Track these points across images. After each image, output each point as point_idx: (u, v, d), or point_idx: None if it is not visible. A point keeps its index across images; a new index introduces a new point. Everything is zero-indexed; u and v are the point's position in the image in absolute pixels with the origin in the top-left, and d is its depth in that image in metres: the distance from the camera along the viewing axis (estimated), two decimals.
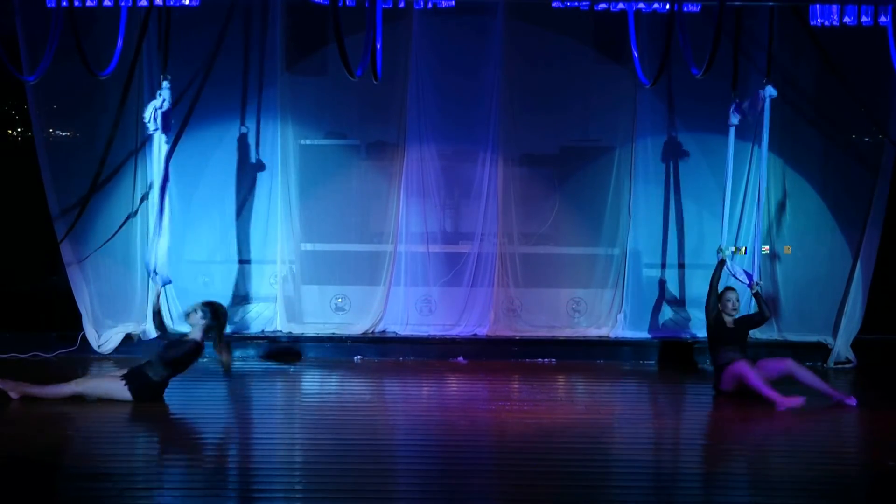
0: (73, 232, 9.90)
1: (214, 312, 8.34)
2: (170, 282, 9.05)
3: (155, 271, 8.88)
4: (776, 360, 8.68)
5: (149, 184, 9.83)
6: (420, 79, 10.07)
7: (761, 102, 8.97)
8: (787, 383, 8.55)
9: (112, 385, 8.21)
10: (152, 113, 8.83)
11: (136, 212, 10.03)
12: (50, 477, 6.79)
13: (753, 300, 9.19)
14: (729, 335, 8.67)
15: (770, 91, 8.94)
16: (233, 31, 10.02)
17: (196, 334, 8.36)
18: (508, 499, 6.54)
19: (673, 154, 10.23)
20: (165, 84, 8.97)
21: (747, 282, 9.07)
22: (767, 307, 9.01)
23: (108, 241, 9.95)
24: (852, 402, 8.39)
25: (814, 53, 9.78)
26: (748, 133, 9.81)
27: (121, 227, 9.99)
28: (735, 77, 9.09)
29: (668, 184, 10.23)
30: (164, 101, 8.90)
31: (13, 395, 8.19)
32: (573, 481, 6.76)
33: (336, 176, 10.38)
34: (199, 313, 8.33)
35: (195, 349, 8.32)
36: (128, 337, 10.00)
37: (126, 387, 8.17)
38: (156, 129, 8.90)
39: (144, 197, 10.01)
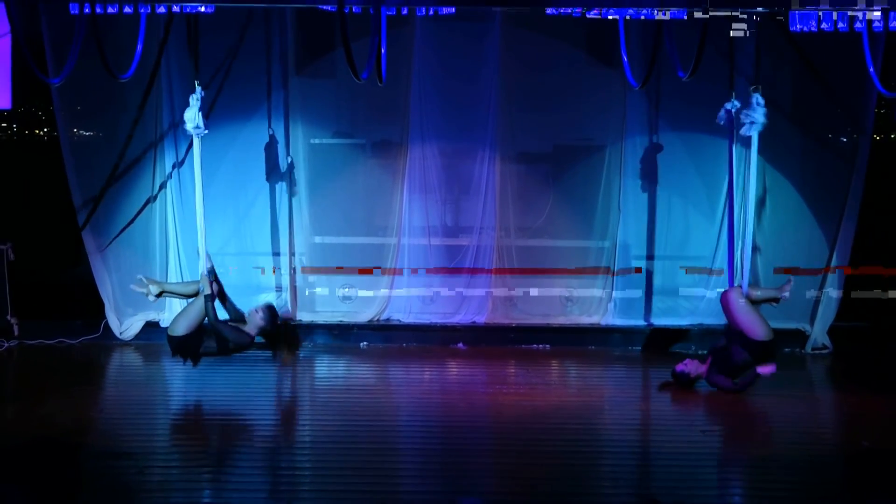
0: (96, 224, 9.92)
1: (273, 318, 8.58)
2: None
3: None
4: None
5: (166, 178, 9.89)
6: (422, 81, 10.07)
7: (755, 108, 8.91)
8: None
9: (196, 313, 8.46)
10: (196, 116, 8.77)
11: (156, 197, 10.04)
12: (75, 455, 6.84)
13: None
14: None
15: (758, 99, 8.93)
16: (247, 38, 10.01)
17: (251, 329, 8.48)
18: (505, 476, 6.59)
19: (660, 152, 10.23)
20: (198, 90, 8.96)
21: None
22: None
23: (127, 226, 9.97)
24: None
25: (793, 57, 9.78)
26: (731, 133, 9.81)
27: (140, 211, 10.00)
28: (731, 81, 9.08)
29: (656, 180, 10.24)
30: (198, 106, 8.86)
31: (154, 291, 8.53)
32: (566, 459, 6.82)
33: (343, 173, 10.39)
34: (261, 314, 8.53)
35: (249, 344, 8.42)
36: (148, 324, 10.03)
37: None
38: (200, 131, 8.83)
39: (163, 185, 10.04)
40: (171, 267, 10.11)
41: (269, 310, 8.59)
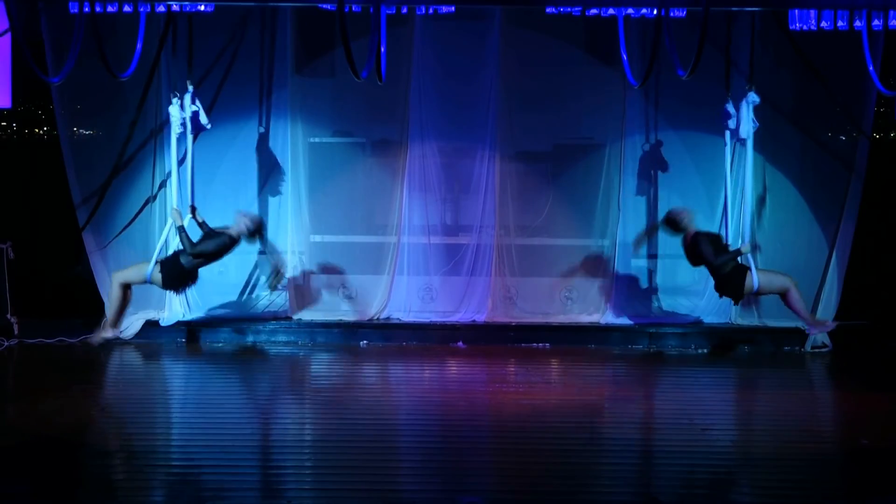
0: (96, 223, 9.91)
1: (258, 226, 8.76)
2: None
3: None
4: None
5: (166, 176, 9.88)
6: (422, 80, 10.07)
7: (745, 108, 8.93)
8: None
9: (143, 270, 8.58)
10: (180, 119, 8.88)
11: (155, 197, 10.02)
12: (75, 454, 6.83)
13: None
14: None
15: (753, 98, 8.92)
16: (246, 37, 10.02)
17: (233, 231, 8.57)
18: (504, 474, 6.58)
19: (659, 151, 10.24)
20: (190, 89, 9.02)
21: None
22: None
23: (127, 226, 9.97)
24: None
25: (793, 56, 9.77)
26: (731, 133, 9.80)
27: (140, 211, 9.99)
28: (727, 79, 9.11)
29: (655, 179, 10.24)
30: (189, 108, 8.95)
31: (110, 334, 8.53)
32: (565, 458, 6.81)
33: (343, 172, 10.38)
34: (247, 219, 8.73)
35: (230, 244, 8.44)
36: (148, 323, 10.01)
37: (160, 273, 8.49)
38: (185, 132, 8.98)
39: (163, 184, 10.04)
40: None
41: (256, 219, 8.68)
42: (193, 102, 9.06)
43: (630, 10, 8.97)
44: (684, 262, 10.21)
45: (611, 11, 9.05)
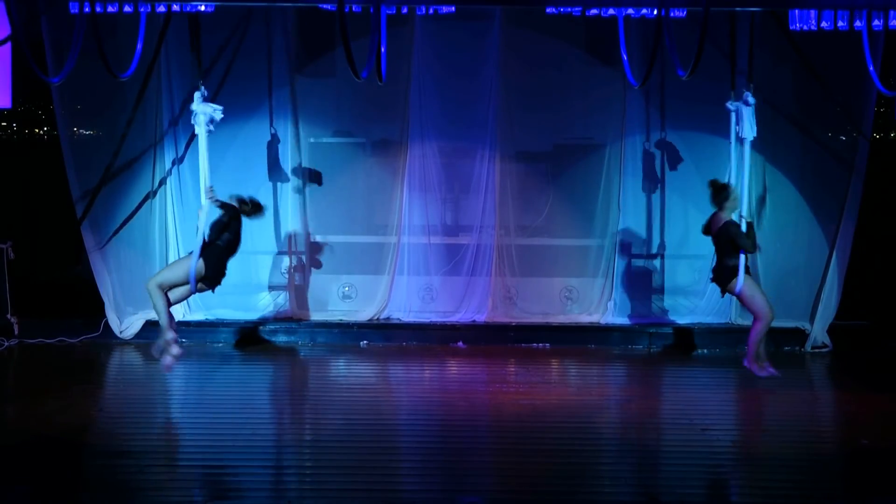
0: (95, 221, 9.90)
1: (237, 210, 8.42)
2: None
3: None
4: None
5: (166, 174, 9.89)
6: (422, 80, 10.08)
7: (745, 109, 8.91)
8: None
9: (184, 267, 8.21)
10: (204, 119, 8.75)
11: (156, 192, 10.02)
12: (75, 454, 6.83)
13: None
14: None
15: (749, 99, 8.90)
16: (246, 37, 10.02)
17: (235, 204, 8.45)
18: (504, 474, 6.59)
19: (659, 151, 10.24)
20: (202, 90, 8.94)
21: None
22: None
23: (126, 221, 9.96)
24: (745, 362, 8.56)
25: (793, 56, 9.77)
26: (730, 132, 9.80)
27: (139, 206, 9.98)
28: (733, 80, 9.08)
29: (655, 179, 10.24)
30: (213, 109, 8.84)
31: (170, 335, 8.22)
32: (565, 458, 6.81)
33: (343, 172, 10.39)
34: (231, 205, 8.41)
35: (236, 212, 8.31)
36: (148, 323, 10.01)
37: (204, 267, 8.18)
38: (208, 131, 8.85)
39: (163, 181, 10.04)
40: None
41: (231, 206, 8.42)
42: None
43: (630, 10, 8.97)
44: (684, 262, 10.26)
45: (611, 11, 9.04)
